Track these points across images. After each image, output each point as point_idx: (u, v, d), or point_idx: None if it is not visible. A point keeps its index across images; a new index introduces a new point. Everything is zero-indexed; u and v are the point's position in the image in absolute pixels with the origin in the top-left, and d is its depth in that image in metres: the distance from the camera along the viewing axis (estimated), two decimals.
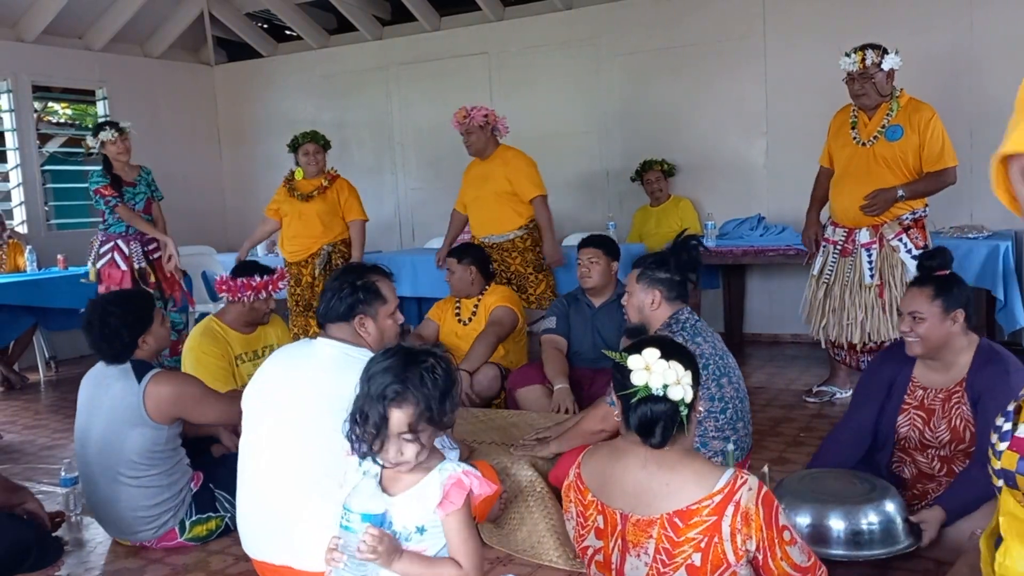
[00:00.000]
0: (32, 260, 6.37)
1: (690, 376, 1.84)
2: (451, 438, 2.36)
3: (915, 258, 4.09)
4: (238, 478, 2.59)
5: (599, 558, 1.91)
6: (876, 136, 4.17)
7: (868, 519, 2.47)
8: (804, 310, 4.54)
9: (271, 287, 3.78)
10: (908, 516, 2.52)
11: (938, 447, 2.75)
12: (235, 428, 3.05)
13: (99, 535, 3.20)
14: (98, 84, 7.58)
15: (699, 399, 1.92)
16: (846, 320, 4.27)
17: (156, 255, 5.34)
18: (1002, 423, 1.54)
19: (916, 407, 2.79)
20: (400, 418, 1.80)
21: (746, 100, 6.31)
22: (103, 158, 5.25)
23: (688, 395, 1.82)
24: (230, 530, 3.04)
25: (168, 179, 5.77)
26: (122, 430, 2.92)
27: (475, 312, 4.56)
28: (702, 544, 1.76)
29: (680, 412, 1.82)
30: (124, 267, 5.23)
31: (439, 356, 1.88)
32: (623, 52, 6.73)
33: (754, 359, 5.83)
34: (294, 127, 6.23)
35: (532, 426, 3.55)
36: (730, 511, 1.76)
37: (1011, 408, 1.54)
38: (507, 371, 4.31)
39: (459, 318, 4.61)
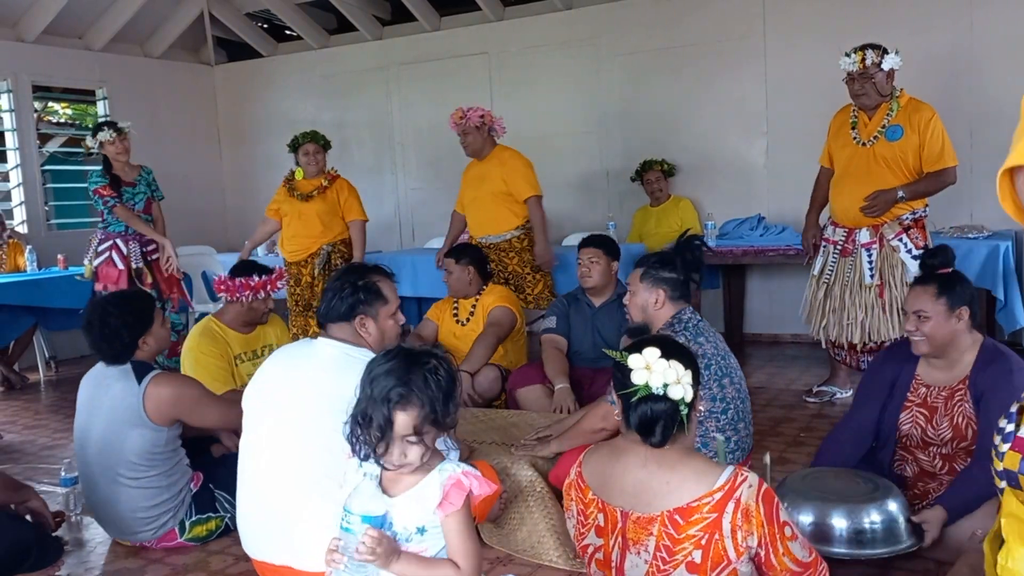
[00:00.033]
0: (32, 260, 6.37)
1: (690, 375, 1.84)
2: (452, 438, 2.35)
3: (915, 258, 4.10)
4: (238, 478, 2.59)
5: (599, 556, 1.92)
6: (876, 136, 4.17)
7: (871, 518, 2.47)
8: (804, 310, 4.54)
9: (269, 287, 3.79)
10: (910, 516, 2.52)
11: (940, 445, 2.75)
12: (235, 429, 3.05)
13: (99, 535, 3.20)
14: (98, 84, 7.58)
15: (699, 398, 1.92)
16: (846, 320, 4.27)
17: (154, 256, 5.34)
18: (1005, 424, 1.54)
19: (919, 404, 2.79)
20: (405, 421, 1.79)
21: (746, 100, 6.32)
22: (103, 158, 5.25)
23: (688, 394, 1.82)
24: (230, 530, 3.04)
25: (168, 179, 5.77)
26: (122, 431, 2.91)
27: (473, 312, 4.56)
28: (702, 541, 1.77)
29: (680, 411, 1.82)
30: (121, 266, 5.23)
31: (441, 357, 1.88)
32: (623, 52, 6.73)
33: (754, 359, 5.83)
34: (294, 127, 6.23)
35: (532, 426, 3.55)
36: (730, 508, 1.76)
37: (1014, 409, 1.53)
38: (507, 372, 4.32)
39: (457, 318, 4.61)
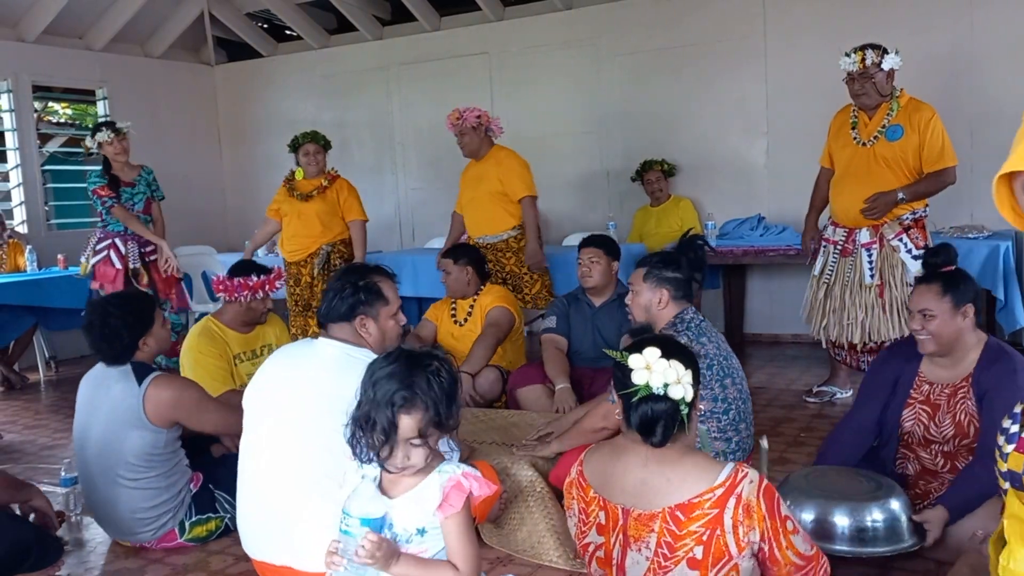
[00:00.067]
0: (32, 260, 6.38)
1: (690, 375, 1.84)
2: (453, 439, 2.35)
3: (916, 258, 4.10)
4: (238, 478, 2.59)
5: (600, 554, 1.92)
6: (876, 136, 4.17)
7: (873, 516, 2.47)
8: (805, 310, 4.54)
9: (268, 287, 3.78)
10: (912, 516, 2.52)
11: (942, 442, 2.75)
12: (233, 434, 3.05)
13: (99, 535, 3.20)
14: (98, 84, 7.58)
15: (699, 398, 1.92)
16: (846, 320, 4.27)
17: (153, 257, 5.34)
18: (1009, 425, 1.53)
19: (922, 402, 2.79)
20: (409, 424, 1.79)
21: (746, 100, 6.32)
22: (103, 158, 5.25)
23: (688, 394, 1.82)
24: (230, 530, 3.04)
25: (168, 179, 5.77)
26: (121, 432, 2.91)
27: (471, 313, 4.56)
28: (704, 537, 1.77)
29: (681, 411, 1.82)
30: (119, 265, 5.23)
31: (442, 359, 1.88)
32: (623, 52, 6.73)
33: (754, 359, 5.82)
34: (294, 127, 6.23)
35: (532, 426, 3.55)
36: (732, 504, 1.77)
37: (1018, 410, 1.53)
38: (507, 373, 4.32)
39: (455, 319, 4.60)
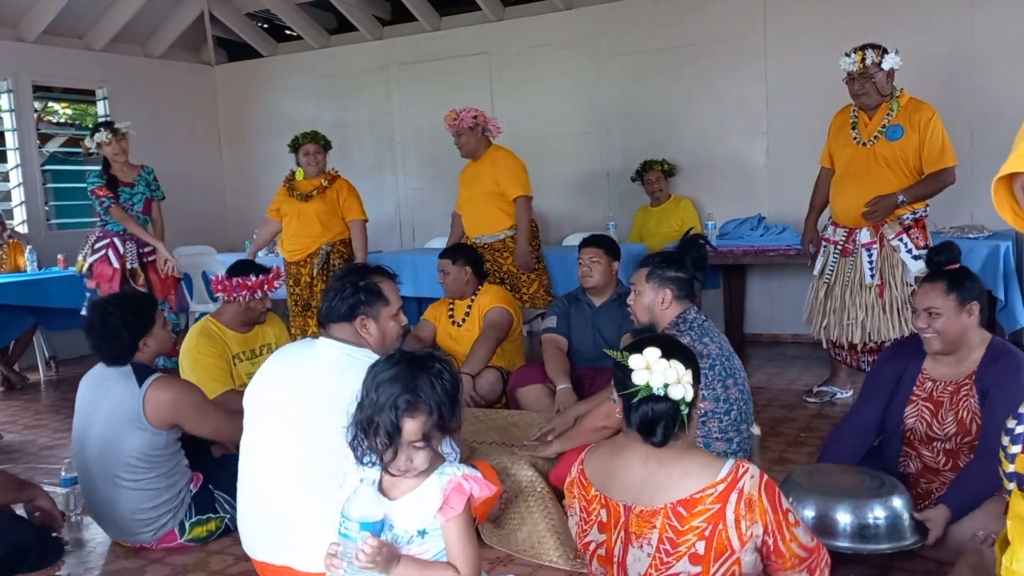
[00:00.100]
0: (32, 260, 6.38)
1: (690, 375, 1.84)
2: (453, 439, 2.35)
3: (916, 257, 4.10)
4: (239, 478, 2.59)
5: (601, 552, 1.92)
6: (876, 136, 4.17)
7: (875, 514, 2.47)
8: (807, 311, 4.53)
9: (266, 286, 3.78)
10: (914, 514, 2.51)
11: (944, 440, 2.75)
12: (229, 441, 3.06)
13: (99, 535, 3.20)
14: (98, 84, 7.58)
15: (699, 397, 1.92)
16: (846, 320, 4.27)
17: (151, 258, 5.35)
18: (1014, 426, 1.52)
19: (924, 399, 2.79)
20: (413, 427, 1.80)
21: (747, 100, 6.31)
22: (103, 158, 5.26)
23: (689, 394, 1.83)
24: (230, 531, 3.04)
25: (169, 179, 5.77)
26: (121, 433, 2.91)
27: (468, 313, 4.54)
28: (706, 532, 1.78)
29: (681, 411, 1.83)
30: (116, 265, 5.23)
31: (443, 360, 1.88)
32: (623, 52, 6.73)
33: (755, 359, 5.82)
34: (294, 127, 6.23)
35: (532, 426, 3.55)
36: (734, 498, 1.78)
37: (1023, 410, 1.52)
38: (507, 373, 4.31)
39: (452, 319, 4.59)
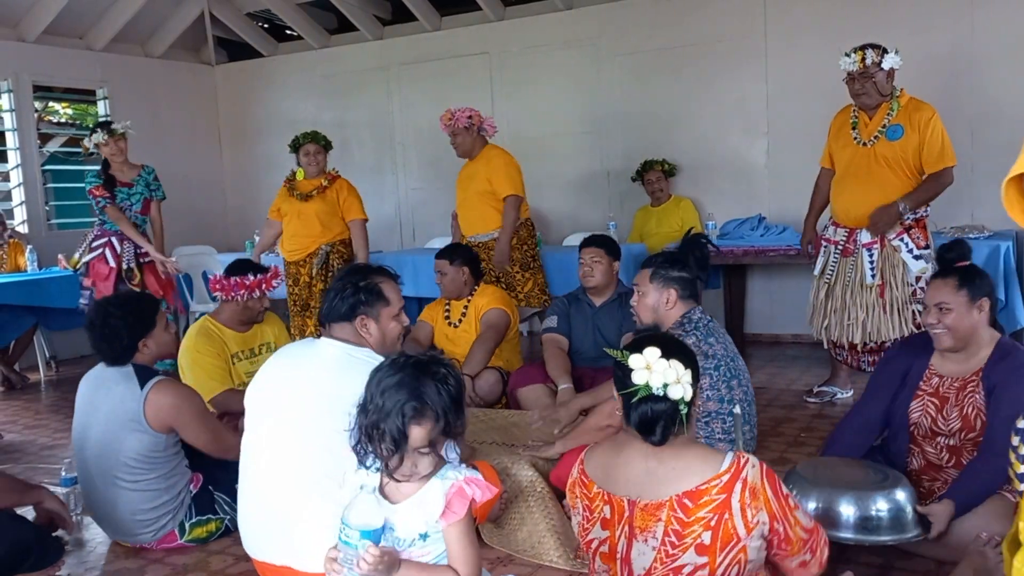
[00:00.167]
0: (33, 260, 6.38)
1: (690, 374, 1.85)
2: (457, 443, 2.35)
3: (916, 257, 4.11)
4: (239, 478, 2.59)
5: (604, 549, 1.92)
6: (877, 136, 4.17)
7: (878, 506, 2.47)
8: (809, 312, 4.53)
9: (265, 286, 3.79)
10: (917, 508, 2.51)
11: (948, 435, 2.74)
12: (221, 456, 3.05)
13: (99, 535, 3.20)
14: (99, 84, 7.59)
15: (698, 396, 1.93)
16: (847, 320, 4.27)
17: (148, 258, 5.35)
18: (1023, 424, 1.51)
19: (930, 394, 2.79)
20: (420, 434, 1.80)
21: (747, 100, 6.31)
22: (103, 158, 5.26)
23: (688, 394, 1.83)
24: (230, 531, 3.04)
25: (169, 179, 5.77)
26: (120, 434, 2.90)
27: (465, 314, 4.53)
28: (712, 522, 1.79)
29: (680, 411, 1.83)
30: (113, 264, 5.24)
31: (448, 365, 1.88)
32: (624, 52, 6.73)
33: (755, 359, 5.82)
34: (295, 127, 6.23)
35: (533, 426, 3.55)
36: (738, 488, 1.79)
37: None
38: (507, 373, 4.31)
39: (449, 320, 4.58)
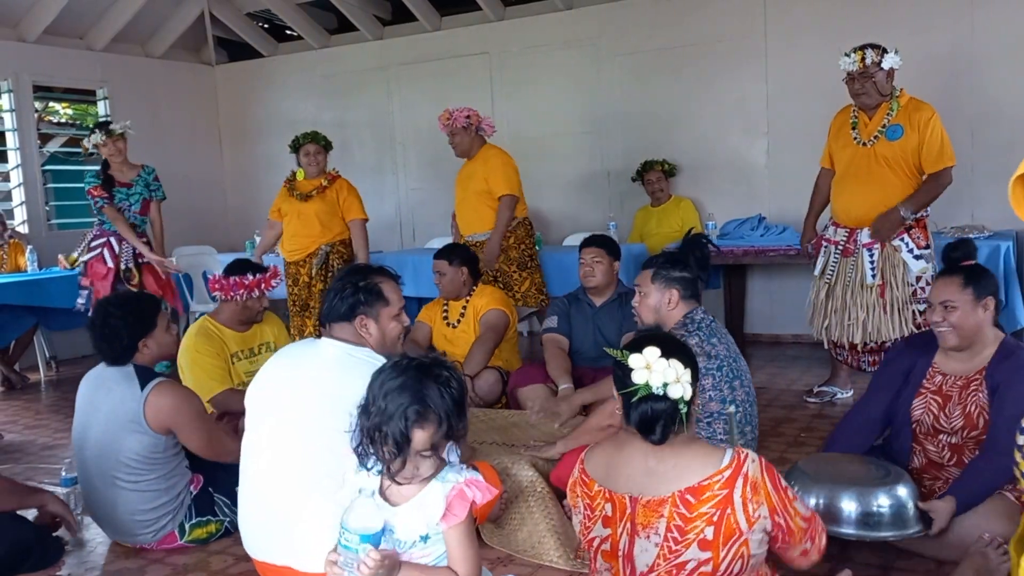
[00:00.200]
0: (33, 260, 6.38)
1: (689, 374, 1.86)
2: (459, 445, 2.36)
3: (917, 257, 4.10)
4: (240, 477, 2.59)
5: (606, 547, 1.92)
6: (877, 136, 4.17)
7: (879, 502, 2.47)
8: (809, 311, 4.53)
9: (264, 285, 3.79)
10: (919, 504, 2.51)
11: (950, 433, 2.74)
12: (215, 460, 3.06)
13: (99, 535, 3.20)
14: (99, 84, 7.59)
15: (698, 395, 1.94)
16: (847, 320, 4.26)
17: (146, 259, 5.34)
18: None
19: (933, 392, 2.79)
20: (423, 437, 1.81)
21: (747, 100, 6.31)
22: (103, 158, 5.26)
23: (687, 393, 1.84)
24: (230, 533, 3.04)
25: (169, 179, 5.77)
26: (120, 434, 2.90)
27: (463, 314, 4.51)
28: (715, 518, 1.80)
29: (680, 410, 1.84)
30: (111, 264, 5.24)
31: (450, 367, 1.89)
32: (624, 52, 6.73)
33: (755, 359, 5.82)
34: (295, 127, 6.23)
35: (533, 426, 3.55)
36: (740, 483, 1.81)
37: None
38: (507, 373, 4.31)
39: (447, 320, 4.57)
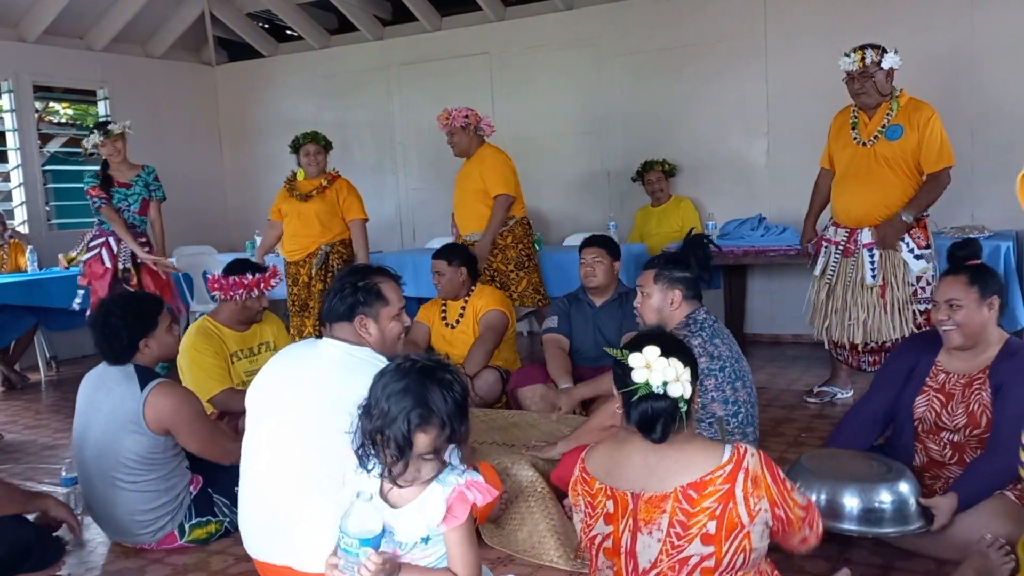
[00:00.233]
0: (33, 260, 6.38)
1: (689, 372, 1.87)
2: (460, 448, 2.36)
3: (918, 257, 4.10)
4: (240, 477, 2.59)
5: (607, 544, 1.93)
6: (876, 136, 4.16)
7: (881, 498, 2.47)
8: (808, 311, 4.53)
9: (263, 285, 3.79)
10: (920, 500, 2.51)
11: (952, 431, 2.75)
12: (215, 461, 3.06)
13: (100, 535, 3.20)
14: (99, 84, 7.59)
15: (698, 393, 1.95)
16: (848, 320, 4.26)
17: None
18: None
19: (936, 390, 2.80)
20: (425, 441, 1.81)
21: (747, 100, 6.31)
22: (103, 158, 5.26)
23: (687, 391, 1.85)
24: (230, 533, 3.04)
25: (169, 179, 5.77)
26: (119, 434, 2.90)
27: (462, 314, 4.50)
28: (717, 512, 1.81)
29: (680, 408, 1.85)
30: (108, 264, 5.24)
31: (453, 370, 1.89)
32: (624, 52, 6.73)
33: (755, 360, 5.81)
34: (295, 127, 6.23)
35: (533, 426, 3.55)
36: (741, 477, 1.83)
37: None
38: (507, 373, 4.31)
39: (445, 321, 4.55)
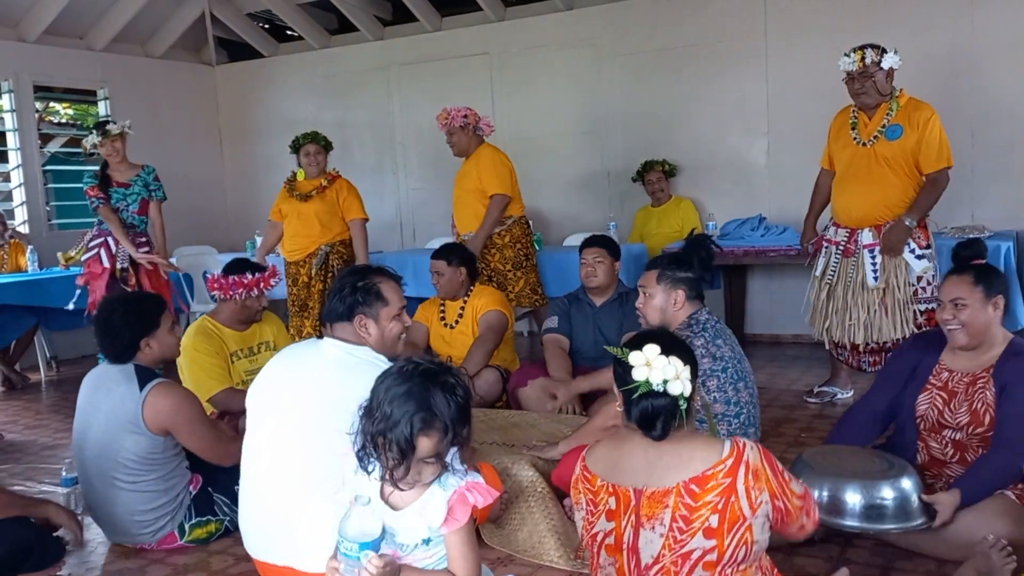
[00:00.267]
0: (33, 260, 6.39)
1: (688, 370, 1.88)
2: (461, 451, 2.36)
3: (919, 257, 4.10)
4: (241, 478, 2.60)
5: (609, 541, 1.93)
6: (876, 136, 4.16)
7: (883, 494, 2.48)
8: (807, 311, 4.53)
9: (262, 284, 3.79)
10: (923, 496, 2.51)
11: (955, 429, 2.75)
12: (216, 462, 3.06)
13: (100, 535, 3.20)
14: (99, 84, 7.59)
15: (697, 391, 1.95)
16: (849, 320, 4.26)
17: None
18: None
19: (939, 388, 2.80)
20: (428, 445, 1.81)
21: (747, 100, 6.31)
22: (103, 158, 5.27)
23: (687, 389, 1.87)
24: (230, 532, 3.04)
25: (169, 179, 5.76)
26: (119, 435, 2.90)
27: (461, 315, 4.48)
28: (719, 506, 1.82)
29: (680, 406, 1.87)
30: (107, 264, 5.24)
31: (455, 373, 1.89)
32: (624, 52, 6.73)
33: (755, 360, 5.81)
34: (295, 127, 6.23)
35: (533, 426, 3.55)
36: (742, 471, 1.84)
37: None
38: (507, 373, 4.31)
39: (444, 321, 4.54)
